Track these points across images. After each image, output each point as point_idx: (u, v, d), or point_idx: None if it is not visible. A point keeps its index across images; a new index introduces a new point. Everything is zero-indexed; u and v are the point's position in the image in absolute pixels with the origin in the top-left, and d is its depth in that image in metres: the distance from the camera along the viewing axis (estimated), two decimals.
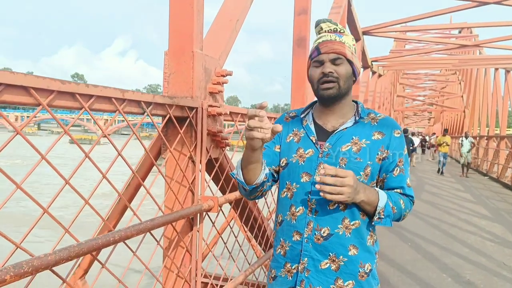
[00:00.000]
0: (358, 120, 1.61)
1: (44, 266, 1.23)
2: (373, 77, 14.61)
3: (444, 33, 21.30)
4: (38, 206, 1.26)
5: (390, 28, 11.52)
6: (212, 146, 2.43)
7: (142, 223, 1.72)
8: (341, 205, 1.53)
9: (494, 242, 6.63)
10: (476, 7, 8.61)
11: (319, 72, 1.56)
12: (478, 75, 23.77)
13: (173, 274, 2.25)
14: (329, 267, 1.54)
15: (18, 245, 1.24)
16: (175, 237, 2.23)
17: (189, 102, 2.15)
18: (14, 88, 1.23)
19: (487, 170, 17.79)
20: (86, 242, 1.41)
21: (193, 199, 2.28)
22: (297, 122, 1.70)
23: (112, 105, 1.64)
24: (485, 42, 13.13)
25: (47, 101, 1.34)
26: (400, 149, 1.60)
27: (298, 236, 1.58)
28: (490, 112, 21.04)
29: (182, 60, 2.27)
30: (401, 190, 1.63)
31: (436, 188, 12.82)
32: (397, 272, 5.03)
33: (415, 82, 34.51)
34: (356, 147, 1.56)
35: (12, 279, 1.13)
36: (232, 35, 2.73)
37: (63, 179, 1.37)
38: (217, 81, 2.44)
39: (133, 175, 2.06)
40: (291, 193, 1.61)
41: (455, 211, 9.11)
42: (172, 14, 2.29)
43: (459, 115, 32.59)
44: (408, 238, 6.71)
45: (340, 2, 6.90)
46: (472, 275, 5.03)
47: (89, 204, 1.48)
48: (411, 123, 61.72)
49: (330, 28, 1.60)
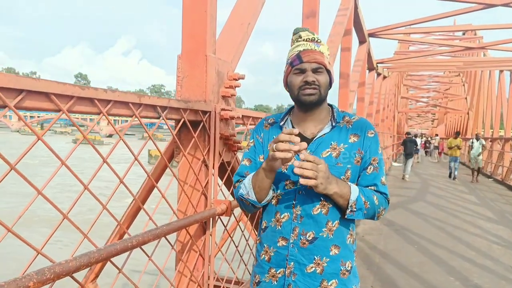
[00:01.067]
0: (335, 125, 1.67)
1: (66, 273, 1.24)
2: (377, 78, 14.60)
3: (448, 35, 21.24)
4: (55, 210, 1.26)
5: (396, 30, 11.50)
6: (224, 150, 2.43)
7: (159, 228, 1.72)
8: (323, 209, 1.59)
9: (501, 245, 6.60)
10: (483, 9, 8.60)
11: (300, 80, 1.61)
12: (483, 77, 23.69)
13: (186, 278, 2.25)
14: (314, 271, 1.58)
15: (39, 251, 1.24)
16: (188, 241, 2.23)
17: (202, 106, 2.15)
18: (35, 94, 1.23)
19: (491, 172, 17.73)
20: (105, 248, 1.41)
21: (206, 203, 2.28)
22: (277, 129, 1.75)
23: (129, 110, 1.64)
24: (491, 44, 13.09)
25: (67, 106, 1.34)
26: (374, 148, 1.66)
27: (283, 241, 1.62)
28: (494, 114, 20.97)
29: (195, 64, 2.28)
30: (374, 187, 1.66)
31: (440, 190, 12.78)
32: (404, 275, 5.01)
33: (418, 84, 34.42)
34: (335, 153, 1.62)
35: (35, 285, 1.13)
36: (244, 38, 2.73)
37: (82, 184, 1.37)
38: (229, 85, 2.44)
39: (147, 178, 2.06)
40: (276, 200, 1.65)
41: (460, 213, 9.08)
42: (185, 18, 2.29)
43: (463, 117, 32.50)
44: (413, 240, 6.69)
45: (347, 4, 6.89)
46: (480, 278, 5.01)
47: (107, 209, 1.48)
48: (414, 124, 61.62)
49: (308, 37, 1.65)
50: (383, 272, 5.11)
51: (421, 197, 11.15)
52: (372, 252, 5.92)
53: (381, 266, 5.34)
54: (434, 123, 60.13)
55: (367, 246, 6.12)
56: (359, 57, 9.88)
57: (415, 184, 14.02)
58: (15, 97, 1.16)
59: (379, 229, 7.38)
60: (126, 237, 1.55)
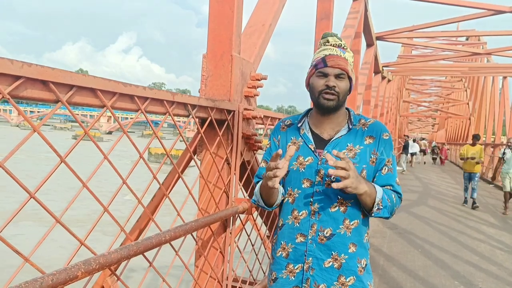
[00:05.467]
0: (351, 128, 1.72)
1: (108, 264, 1.27)
2: (382, 82, 14.64)
3: (451, 40, 21.25)
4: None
5: (403, 34, 11.56)
6: (245, 149, 2.46)
7: (188, 223, 1.75)
8: (341, 207, 1.65)
9: (504, 250, 6.64)
10: (492, 15, 8.66)
11: (322, 83, 1.66)
12: (486, 82, 23.73)
13: (205, 275, 2.28)
14: (332, 266, 1.63)
15: (82, 242, 1.27)
16: (209, 238, 2.26)
17: (228, 105, 2.19)
18: (84, 90, 1.26)
19: (492, 178, 17.76)
20: (142, 241, 1.45)
21: (227, 201, 2.31)
22: (294, 130, 1.80)
23: (163, 107, 1.68)
24: (496, 50, 13.14)
25: (111, 102, 1.37)
26: (388, 150, 1.72)
27: (302, 237, 1.67)
28: (497, 120, 21.01)
29: (220, 63, 2.31)
30: (390, 187, 1.71)
31: (441, 195, 12.82)
32: (409, 279, 5.05)
33: (420, 88, 34.47)
34: (351, 153, 1.68)
35: (83, 275, 1.16)
36: (265, 39, 2.76)
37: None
38: (252, 85, 2.47)
39: (176, 175, 2.08)
40: (293, 198, 1.71)
41: (463, 218, 9.12)
42: (212, 18, 2.32)
43: (464, 122, 32.52)
44: (418, 244, 6.73)
45: (357, 7, 6.94)
46: (484, 283, 5.05)
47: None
48: (415, 128, 61.63)
49: (336, 43, 1.70)
50: (388, 275, 5.14)
51: (422, 201, 11.17)
52: (376, 255, 5.96)
53: (386, 269, 5.37)
54: (434, 127, 60.15)
55: (372, 249, 6.15)
56: (366, 60, 9.93)
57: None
58: (67, 92, 1.20)
59: (383, 231, 7.42)
60: (159, 232, 1.58)
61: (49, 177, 1.14)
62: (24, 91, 1.08)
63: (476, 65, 19.24)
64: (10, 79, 1.03)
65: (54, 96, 1.16)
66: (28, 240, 8.00)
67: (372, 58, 10.22)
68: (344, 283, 1.63)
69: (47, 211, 1.11)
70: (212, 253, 2.32)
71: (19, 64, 1.03)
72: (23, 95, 1.08)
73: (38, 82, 1.11)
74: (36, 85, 1.11)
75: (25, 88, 1.08)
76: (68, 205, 1.20)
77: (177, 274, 2.05)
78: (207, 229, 2.23)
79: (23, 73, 1.04)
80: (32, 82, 1.10)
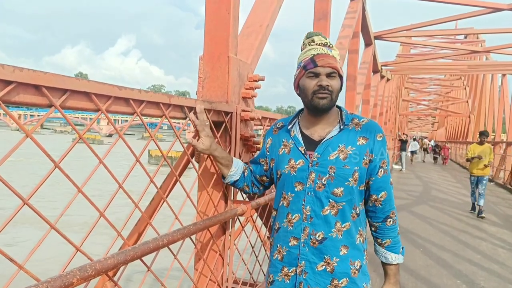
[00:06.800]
0: (343, 128, 1.69)
1: (105, 270, 1.25)
2: (381, 81, 14.63)
3: (449, 38, 21.25)
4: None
5: (401, 33, 11.56)
6: (243, 151, 2.45)
7: (186, 227, 1.73)
8: (332, 210, 1.63)
9: (506, 249, 6.62)
10: (490, 13, 8.65)
11: (314, 84, 1.63)
12: (485, 80, 23.73)
13: (205, 278, 2.26)
14: (324, 269, 1.63)
15: (78, 248, 1.26)
16: (208, 240, 2.24)
17: (225, 107, 2.17)
18: (77, 94, 1.25)
19: (492, 176, 17.74)
20: (139, 246, 1.43)
21: (226, 203, 2.29)
22: (285, 132, 1.80)
23: (159, 110, 1.66)
24: (495, 48, 13.15)
25: (105, 106, 1.36)
26: (383, 151, 1.71)
27: (295, 241, 1.67)
28: (496, 117, 21.01)
29: (217, 65, 2.29)
30: (385, 193, 1.71)
31: (442, 194, 12.80)
32: (411, 278, 5.03)
33: (420, 87, 34.49)
34: (343, 155, 1.64)
35: (79, 282, 1.14)
36: (262, 40, 2.75)
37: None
38: (249, 86, 2.46)
39: (174, 178, 2.07)
40: (287, 201, 1.71)
41: (464, 217, 9.09)
42: (208, 19, 2.31)
43: (464, 120, 32.52)
44: (419, 243, 6.71)
45: (355, 7, 6.93)
46: (486, 282, 5.03)
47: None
48: (414, 127, 61.66)
49: (321, 42, 1.68)
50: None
51: (422, 200, 11.16)
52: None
53: None
54: (434, 126, 60.17)
55: (373, 248, 6.13)
56: (365, 59, 9.92)
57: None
58: (60, 97, 1.18)
59: None
60: (157, 236, 1.57)
61: (42, 183, 1.12)
62: (16, 96, 1.06)
63: (475, 63, 19.23)
64: (1, 84, 1.01)
65: (47, 100, 1.14)
66: (27, 243, 8.00)
67: (371, 58, 10.22)
68: (337, 286, 1.63)
69: (41, 217, 1.09)
70: (211, 256, 2.30)
71: (10, 68, 1.02)
72: (15, 100, 1.07)
73: (30, 86, 1.09)
74: (29, 90, 1.09)
75: (17, 93, 1.06)
76: (62, 211, 1.18)
77: (178, 275, 2.03)
78: (206, 232, 2.22)
79: (14, 77, 1.03)
80: (24, 87, 1.08)
